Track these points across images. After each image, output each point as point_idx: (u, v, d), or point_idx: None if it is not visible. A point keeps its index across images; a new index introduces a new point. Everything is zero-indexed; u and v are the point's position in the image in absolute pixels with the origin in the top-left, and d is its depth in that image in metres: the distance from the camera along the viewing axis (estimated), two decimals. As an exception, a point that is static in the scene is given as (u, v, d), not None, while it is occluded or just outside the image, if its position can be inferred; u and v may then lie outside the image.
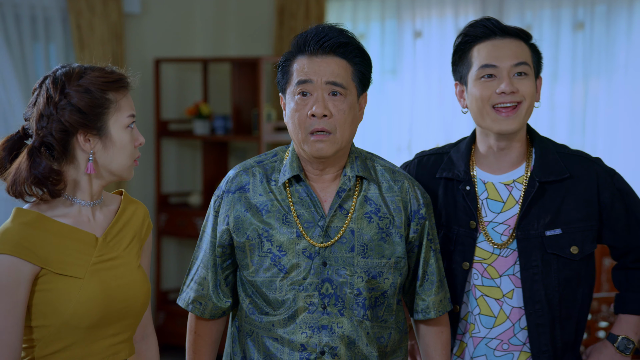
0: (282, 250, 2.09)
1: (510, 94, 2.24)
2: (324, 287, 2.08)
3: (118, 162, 1.93)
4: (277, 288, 2.09)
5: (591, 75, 4.96)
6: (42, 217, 1.89)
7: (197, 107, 5.63)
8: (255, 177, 2.15)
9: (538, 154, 2.33)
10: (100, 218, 1.97)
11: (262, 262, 2.10)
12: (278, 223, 2.10)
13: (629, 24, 4.83)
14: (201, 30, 5.99)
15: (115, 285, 1.93)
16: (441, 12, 5.41)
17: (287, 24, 5.78)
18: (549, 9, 5.05)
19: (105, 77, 1.91)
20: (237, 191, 2.15)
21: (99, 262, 1.93)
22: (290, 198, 2.12)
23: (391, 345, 2.17)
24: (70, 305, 1.86)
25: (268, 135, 5.44)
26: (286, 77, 2.10)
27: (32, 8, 5.07)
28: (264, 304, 2.12)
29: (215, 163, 5.86)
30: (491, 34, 2.28)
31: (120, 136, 1.92)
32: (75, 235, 1.91)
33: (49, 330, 1.88)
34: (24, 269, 1.84)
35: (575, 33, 4.99)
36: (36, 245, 1.85)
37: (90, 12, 5.18)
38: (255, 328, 2.14)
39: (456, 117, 5.40)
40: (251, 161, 2.19)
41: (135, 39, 5.62)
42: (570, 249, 2.28)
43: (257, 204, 2.12)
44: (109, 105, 1.91)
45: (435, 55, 5.40)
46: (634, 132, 4.85)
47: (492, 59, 2.26)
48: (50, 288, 1.87)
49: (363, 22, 5.68)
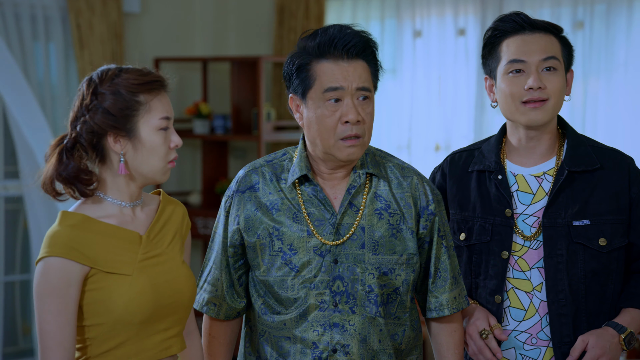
0: (292, 248, 2.09)
1: (538, 90, 2.24)
2: (335, 284, 2.08)
3: (149, 164, 1.95)
4: (288, 287, 2.09)
5: (591, 74, 4.96)
6: (88, 219, 1.92)
7: (197, 107, 5.63)
8: (265, 176, 2.15)
9: (570, 145, 2.32)
10: (142, 217, 2.00)
11: (273, 262, 2.10)
12: (289, 221, 2.10)
13: (628, 23, 4.84)
14: (201, 29, 5.99)
15: (163, 281, 1.96)
16: (441, 11, 5.41)
17: (286, 23, 5.78)
18: (549, 8, 5.05)
19: (137, 79, 1.92)
20: (247, 190, 2.15)
21: (145, 258, 1.96)
22: (300, 197, 2.12)
23: (406, 343, 2.16)
24: (122, 302, 1.90)
25: (268, 134, 5.44)
26: (307, 81, 2.06)
27: (32, 7, 5.07)
28: (276, 304, 2.12)
29: (215, 162, 5.86)
30: (520, 29, 2.27)
31: (150, 138, 1.93)
32: (120, 234, 1.94)
33: (103, 328, 1.91)
34: (73, 269, 1.87)
35: (574, 32, 4.99)
36: (84, 246, 1.89)
37: (89, 11, 5.18)
38: (267, 328, 2.14)
39: (456, 116, 5.40)
40: (261, 161, 2.19)
41: (134, 38, 5.62)
42: (599, 241, 2.25)
43: (267, 203, 2.12)
44: (139, 107, 1.92)
45: (435, 54, 5.40)
46: (634, 131, 4.85)
47: (520, 54, 2.26)
48: (100, 287, 1.90)
49: (363, 22, 5.68)
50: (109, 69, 1.95)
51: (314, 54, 2.06)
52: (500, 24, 2.31)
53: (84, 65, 5.10)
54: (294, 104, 2.12)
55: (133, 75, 1.93)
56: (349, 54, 2.06)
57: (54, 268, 1.86)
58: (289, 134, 5.58)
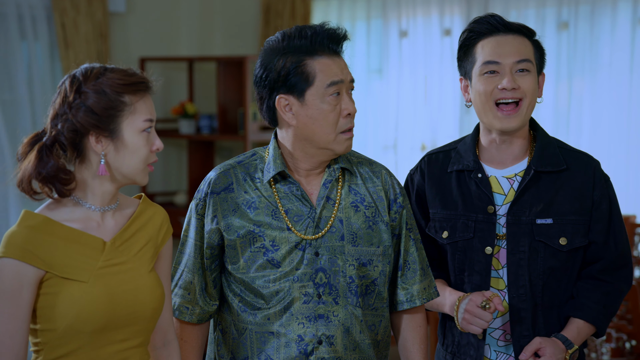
0: (275, 244, 2.10)
1: (512, 90, 2.28)
2: (317, 276, 2.09)
3: (130, 166, 1.91)
4: (270, 280, 2.09)
5: (575, 74, 4.99)
6: (49, 221, 1.88)
7: (183, 107, 5.62)
8: (238, 176, 2.16)
9: (538, 146, 2.37)
10: (111, 223, 1.95)
11: (254, 258, 2.10)
12: (268, 218, 2.11)
13: (612, 23, 4.86)
14: (186, 29, 5.98)
15: (121, 290, 1.91)
16: (427, 11, 5.42)
17: (272, 23, 5.78)
18: (534, 8, 5.08)
19: (123, 79, 1.89)
20: (222, 192, 2.14)
21: (106, 266, 1.91)
22: (276, 194, 2.13)
23: (382, 334, 2.20)
24: (74, 309, 1.85)
25: (254, 134, 5.44)
26: (307, 79, 2.07)
27: (19, 7, 5.05)
28: (255, 299, 2.12)
29: (201, 162, 5.85)
30: (495, 31, 2.33)
31: (133, 140, 1.89)
32: (82, 239, 1.90)
33: (54, 334, 1.87)
34: (27, 272, 1.83)
35: (559, 32, 5.02)
36: (41, 249, 1.84)
37: (74, 10, 5.16)
38: (249, 325, 2.13)
39: (442, 116, 5.42)
40: (230, 162, 2.19)
41: (120, 37, 5.61)
42: (560, 240, 2.31)
43: (244, 202, 2.13)
44: (123, 107, 1.88)
45: (421, 54, 5.41)
46: (618, 131, 4.88)
47: (495, 56, 2.30)
48: (54, 292, 1.86)
49: (349, 22, 5.69)
50: (94, 67, 1.91)
51: (307, 52, 2.08)
52: (475, 25, 2.35)
53: (68, 64, 5.08)
54: (283, 104, 2.10)
55: (118, 75, 1.90)
56: (338, 49, 2.12)
57: (6, 270, 1.82)
58: (275, 133, 5.58)
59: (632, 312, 3.68)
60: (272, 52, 2.09)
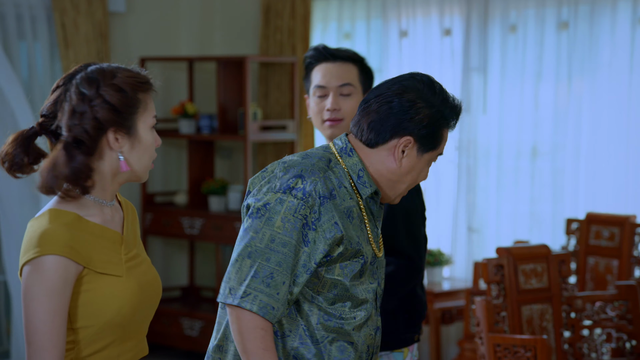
0: (365, 255, 2.07)
1: (334, 111, 2.70)
2: (378, 290, 2.13)
3: (142, 162, 1.95)
4: (359, 291, 2.07)
5: (575, 75, 4.99)
6: (79, 218, 1.90)
7: (183, 106, 5.62)
8: (334, 181, 2.06)
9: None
10: (117, 217, 1.99)
11: (353, 267, 2.05)
12: (359, 231, 2.06)
13: (612, 23, 4.86)
14: (186, 29, 5.98)
15: (145, 282, 1.96)
16: (426, 11, 5.42)
17: (272, 23, 5.78)
18: (534, 8, 5.08)
19: (135, 78, 1.94)
20: (330, 196, 2.03)
21: (128, 259, 1.95)
22: (364, 208, 2.09)
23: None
24: (115, 304, 1.88)
25: (254, 134, 5.44)
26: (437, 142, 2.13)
27: (18, 7, 5.05)
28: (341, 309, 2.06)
29: (201, 162, 5.86)
30: (324, 59, 2.73)
31: (146, 136, 1.94)
32: (105, 234, 1.93)
33: (91, 330, 1.88)
34: (71, 269, 1.85)
35: (559, 32, 5.02)
36: (79, 245, 1.87)
37: (74, 10, 5.17)
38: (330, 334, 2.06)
39: (441, 116, 5.41)
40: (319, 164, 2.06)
41: (120, 37, 5.61)
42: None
43: (345, 210, 2.04)
44: (139, 105, 1.93)
45: (421, 54, 5.42)
46: (618, 131, 4.88)
47: (322, 81, 2.71)
48: (92, 288, 1.88)
49: (348, 22, 5.69)
50: (106, 67, 1.94)
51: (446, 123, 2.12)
52: (311, 52, 2.77)
53: (68, 64, 5.08)
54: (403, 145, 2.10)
55: (130, 73, 1.94)
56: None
57: (53, 267, 1.83)
58: (276, 133, 5.58)
59: (632, 312, 3.68)
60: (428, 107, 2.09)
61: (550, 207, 5.08)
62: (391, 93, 2.09)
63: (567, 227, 4.81)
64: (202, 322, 5.46)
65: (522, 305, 3.58)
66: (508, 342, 3.38)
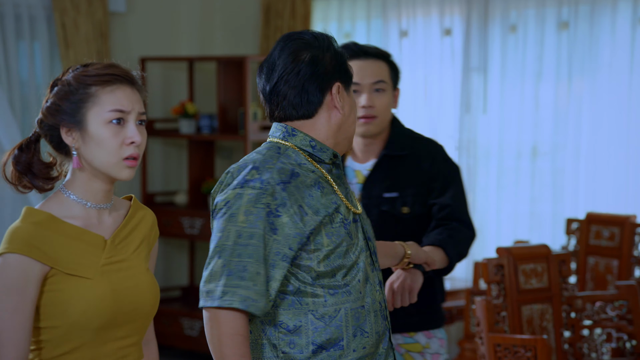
0: (345, 218, 2.09)
1: (369, 108, 2.75)
2: (370, 245, 2.16)
3: (100, 159, 1.89)
4: (351, 254, 2.08)
5: (575, 75, 4.99)
6: (53, 218, 1.88)
7: (183, 106, 5.62)
8: (292, 162, 2.08)
9: (391, 137, 2.84)
10: (109, 221, 1.96)
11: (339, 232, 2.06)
12: (331, 195, 2.09)
13: (612, 23, 4.86)
14: (187, 29, 5.98)
15: (124, 287, 1.92)
16: (427, 11, 5.42)
17: (273, 22, 5.78)
18: (534, 8, 5.08)
19: (91, 71, 1.90)
20: (290, 180, 2.04)
21: (108, 263, 1.92)
22: (326, 173, 2.11)
23: None
24: (80, 306, 1.86)
25: (254, 134, 5.44)
26: (350, 73, 2.20)
27: (17, 6, 5.05)
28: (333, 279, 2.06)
29: (201, 162, 5.86)
30: (355, 55, 2.75)
31: (98, 131, 1.88)
32: (84, 236, 1.90)
33: (58, 331, 1.87)
34: (33, 268, 1.84)
35: (559, 32, 5.02)
36: (46, 245, 1.85)
37: (74, 10, 5.17)
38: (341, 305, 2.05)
39: (441, 115, 5.42)
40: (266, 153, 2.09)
41: (120, 37, 5.61)
42: (402, 209, 2.76)
43: (313, 183, 2.06)
44: (87, 98, 1.88)
45: (421, 54, 5.42)
46: (618, 131, 4.88)
47: (356, 77, 2.68)
48: (59, 288, 1.86)
49: (349, 22, 5.69)
50: (77, 64, 1.94)
51: (350, 55, 2.28)
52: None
53: (69, 64, 5.08)
54: (336, 91, 2.14)
55: (92, 68, 1.90)
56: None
57: (12, 265, 1.82)
58: (275, 133, 5.58)
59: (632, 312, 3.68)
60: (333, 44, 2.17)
61: (550, 207, 5.08)
62: (290, 66, 2.11)
63: (567, 227, 4.81)
64: (202, 322, 5.45)
65: (522, 305, 3.58)
66: (508, 342, 3.38)
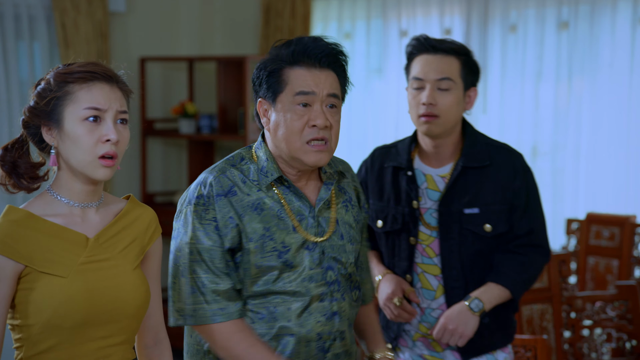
0: (285, 245, 2.10)
1: (430, 106, 2.57)
2: (327, 275, 2.13)
3: (76, 157, 1.88)
4: (285, 282, 2.10)
5: (575, 74, 4.99)
6: (31, 216, 1.88)
7: (183, 106, 5.62)
8: (236, 178, 2.13)
9: (467, 145, 2.63)
10: (95, 220, 1.95)
11: (269, 261, 2.09)
12: (274, 220, 2.10)
13: (612, 23, 4.86)
14: (187, 28, 5.98)
15: (102, 287, 1.90)
16: (427, 11, 5.42)
17: (273, 22, 5.78)
18: (534, 8, 5.08)
19: (69, 70, 1.89)
20: (227, 194, 2.10)
21: (88, 262, 1.90)
22: (280, 194, 2.12)
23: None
24: (52, 304, 1.85)
25: (254, 134, 5.44)
26: (278, 86, 2.10)
27: (16, 6, 5.05)
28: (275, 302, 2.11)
29: (201, 162, 5.86)
30: (424, 50, 2.58)
31: (73, 128, 1.87)
32: (64, 234, 1.89)
33: (34, 329, 1.86)
34: (6, 266, 1.83)
35: (559, 32, 5.02)
36: (21, 243, 1.84)
37: (74, 10, 5.16)
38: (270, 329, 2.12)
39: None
40: (222, 164, 2.15)
41: (120, 37, 5.61)
42: (484, 227, 2.57)
43: (249, 204, 2.10)
44: (65, 96, 1.87)
45: (421, 54, 5.41)
46: (618, 131, 4.88)
47: (420, 73, 2.57)
48: (33, 287, 1.86)
49: (349, 21, 5.69)
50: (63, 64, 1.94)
51: (287, 61, 2.10)
52: (413, 42, 2.63)
53: (69, 64, 5.09)
54: (262, 108, 2.14)
55: (74, 66, 1.90)
56: (321, 63, 2.10)
57: None
58: (275, 133, 5.58)
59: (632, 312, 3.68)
60: (267, 56, 2.14)
61: (550, 207, 5.08)
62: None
63: (567, 227, 4.81)
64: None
65: (522, 305, 3.58)
66: (508, 342, 3.37)
